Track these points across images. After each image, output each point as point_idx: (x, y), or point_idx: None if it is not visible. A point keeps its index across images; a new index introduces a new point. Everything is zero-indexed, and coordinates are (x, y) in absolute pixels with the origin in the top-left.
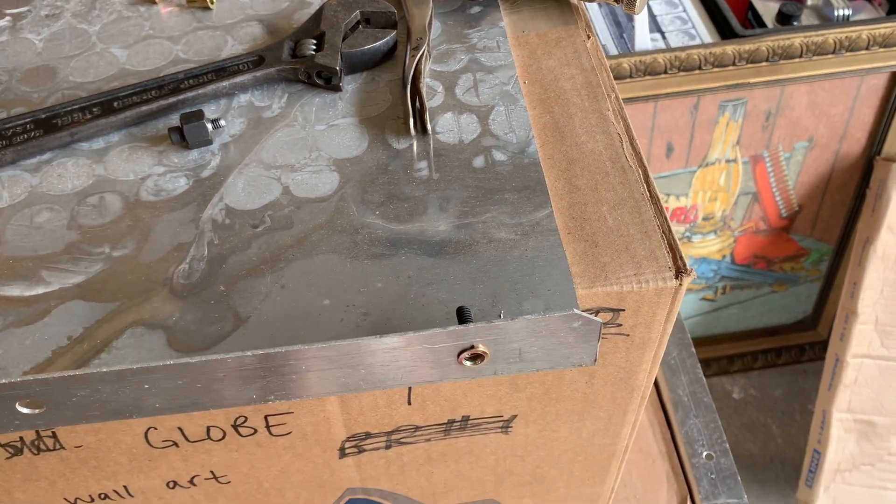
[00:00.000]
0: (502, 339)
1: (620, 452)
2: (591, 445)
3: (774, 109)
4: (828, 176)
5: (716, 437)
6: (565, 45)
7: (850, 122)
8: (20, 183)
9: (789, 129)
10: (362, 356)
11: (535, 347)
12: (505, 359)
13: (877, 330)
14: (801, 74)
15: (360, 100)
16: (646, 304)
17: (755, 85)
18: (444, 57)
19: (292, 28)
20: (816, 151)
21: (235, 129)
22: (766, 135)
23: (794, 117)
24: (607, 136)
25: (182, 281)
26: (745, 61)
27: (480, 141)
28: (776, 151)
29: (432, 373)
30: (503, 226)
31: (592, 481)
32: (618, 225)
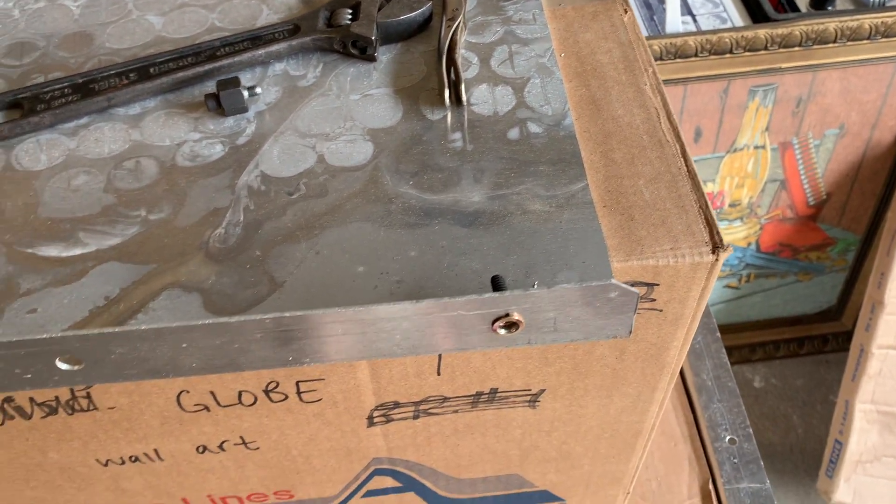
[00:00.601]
0: (538, 307)
1: (647, 431)
2: (618, 423)
3: (806, 95)
4: (858, 164)
5: (739, 422)
6: (602, 19)
7: (883, 110)
8: (58, 146)
9: (820, 116)
10: (398, 321)
11: (570, 317)
12: (539, 328)
13: None
14: (835, 60)
15: (394, 70)
16: (681, 280)
17: (787, 70)
18: (480, 28)
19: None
20: (847, 139)
21: (271, 98)
22: (797, 121)
23: (825, 104)
24: (644, 110)
25: (218, 245)
26: (778, 46)
27: (515, 113)
28: (806, 138)
29: (466, 340)
30: (537, 198)
31: (618, 459)
32: (654, 199)
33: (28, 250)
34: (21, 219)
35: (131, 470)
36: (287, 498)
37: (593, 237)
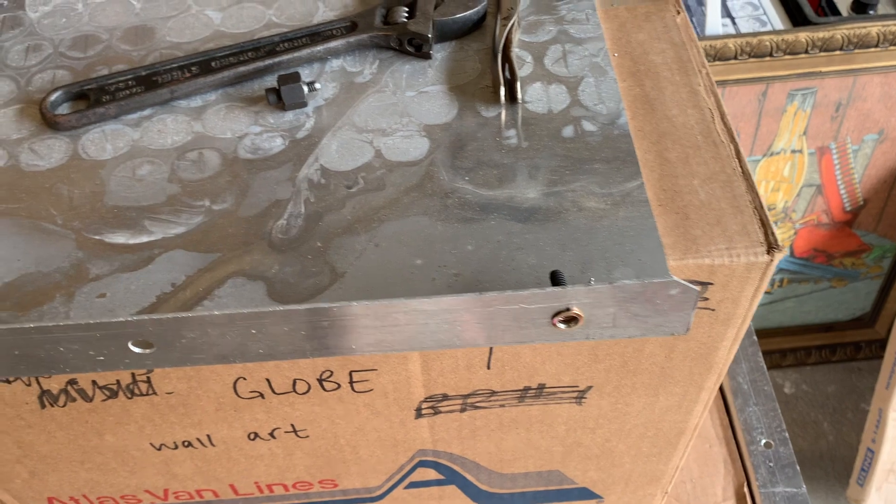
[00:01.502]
0: (599, 302)
1: (690, 430)
2: (663, 421)
3: (845, 100)
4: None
5: (775, 426)
6: (655, 19)
7: None
8: (122, 137)
9: (859, 121)
10: (460, 312)
11: (629, 313)
12: (598, 323)
13: None
14: (876, 65)
15: (449, 68)
16: (735, 279)
17: (827, 74)
18: (533, 28)
19: None
20: (886, 145)
21: (329, 93)
22: (835, 126)
23: (865, 109)
24: (698, 110)
25: (280, 236)
26: (818, 49)
27: (569, 111)
28: (844, 143)
29: (525, 333)
30: (592, 195)
31: (658, 458)
32: (709, 198)
33: (96, 237)
34: (88, 206)
35: (183, 455)
36: (331, 487)
37: (649, 235)
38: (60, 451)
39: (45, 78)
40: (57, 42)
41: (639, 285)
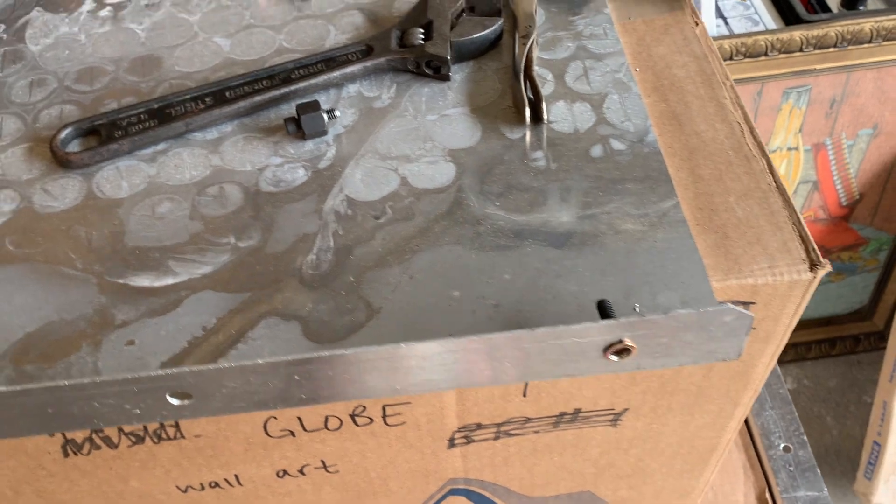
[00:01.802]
0: (652, 333)
1: (723, 446)
2: (697, 438)
3: (839, 96)
4: (891, 164)
5: (793, 429)
6: (674, 31)
7: None
8: (138, 173)
9: (853, 117)
10: (510, 349)
11: (682, 342)
12: (651, 353)
13: None
14: (869, 60)
15: (469, 89)
16: (778, 298)
17: (821, 71)
18: (551, 44)
19: (394, 17)
20: (881, 139)
21: (348, 120)
22: (830, 122)
23: (859, 104)
24: (727, 124)
25: (311, 271)
26: (813, 47)
27: (596, 129)
28: (839, 139)
29: (575, 367)
30: (628, 217)
31: (690, 474)
32: (747, 216)
33: (119, 280)
34: (109, 248)
35: (209, 496)
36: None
37: (690, 257)
38: (82, 498)
39: (53, 114)
40: (62, 76)
41: (693, 314)
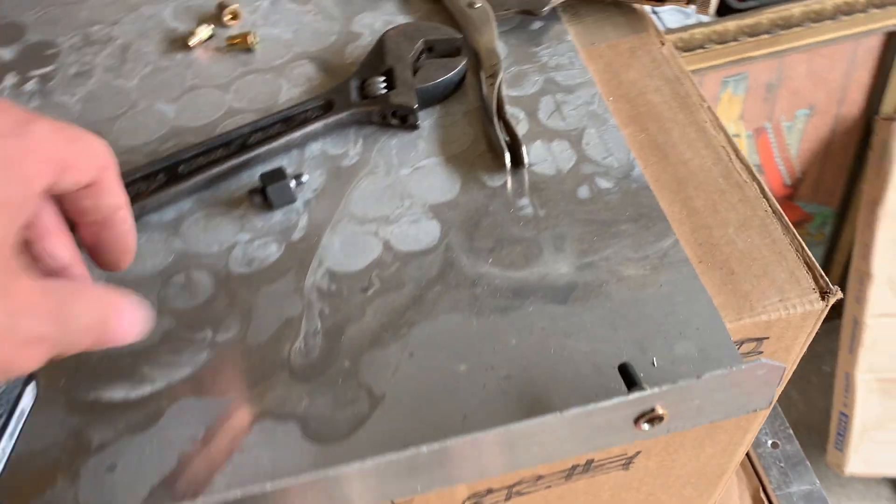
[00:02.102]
0: (685, 398)
1: (732, 469)
2: (707, 467)
3: (775, 80)
4: (828, 141)
5: (778, 424)
6: (641, 54)
7: (848, 86)
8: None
9: (790, 99)
10: (538, 434)
11: (714, 401)
12: (682, 416)
13: (892, 289)
14: (800, 43)
15: (440, 137)
16: (791, 330)
17: (756, 58)
18: (518, 80)
19: (347, 64)
20: (817, 118)
21: (316, 183)
22: (768, 106)
23: (794, 87)
24: (712, 149)
25: (301, 360)
26: (747, 36)
27: (579, 168)
28: (778, 122)
29: (606, 440)
30: (629, 261)
31: (700, 499)
32: (749, 248)
33: (90, 396)
34: (72, 358)
35: None
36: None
37: (699, 299)
38: None
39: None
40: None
41: (727, 374)
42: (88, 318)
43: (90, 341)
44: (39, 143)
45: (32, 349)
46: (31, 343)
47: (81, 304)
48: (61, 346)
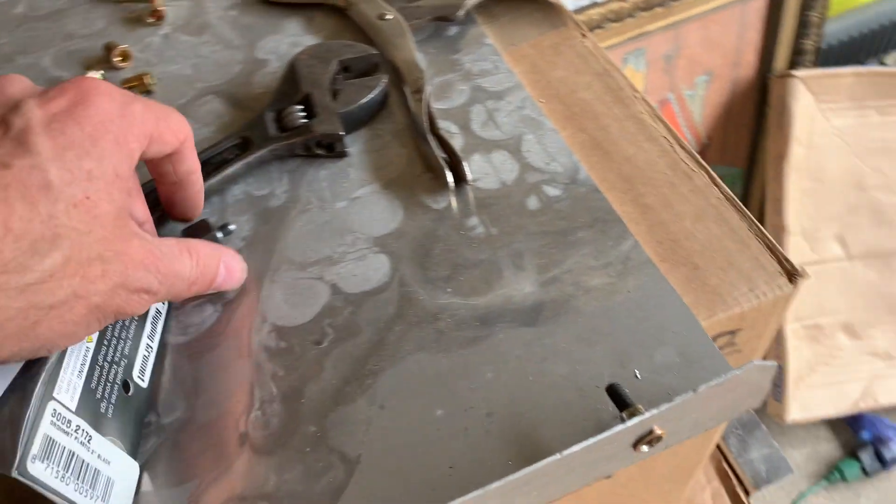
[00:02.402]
0: (682, 414)
1: (706, 456)
2: (684, 460)
3: (673, 51)
4: (729, 104)
5: None
6: (564, 50)
7: (742, 49)
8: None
9: (688, 68)
10: (537, 479)
11: (710, 409)
12: (680, 431)
13: (805, 238)
14: (693, 12)
15: (372, 162)
16: (762, 317)
17: (653, 32)
18: (444, 91)
19: (258, 95)
20: (716, 83)
21: (244, 231)
22: (669, 77)
23: (690, 55)
24: (654, 142)
25: (261, 433)
26: (641, 10)
27: (524, 178)
28: (680, 91)
29: (606, 469)
30: (592, 270)
31: (678, 489)
32: (708, 239)
33: None
34: None
35: None
36: None
37: (671, 300)
38: None
39: None
40: None
41: (722, 383)
42: (190, 273)
43: (195, 290)
44: (137, 121)
45: (143, 297)
46: (140, 292)
47: (181, 262)
48: (166, 295)
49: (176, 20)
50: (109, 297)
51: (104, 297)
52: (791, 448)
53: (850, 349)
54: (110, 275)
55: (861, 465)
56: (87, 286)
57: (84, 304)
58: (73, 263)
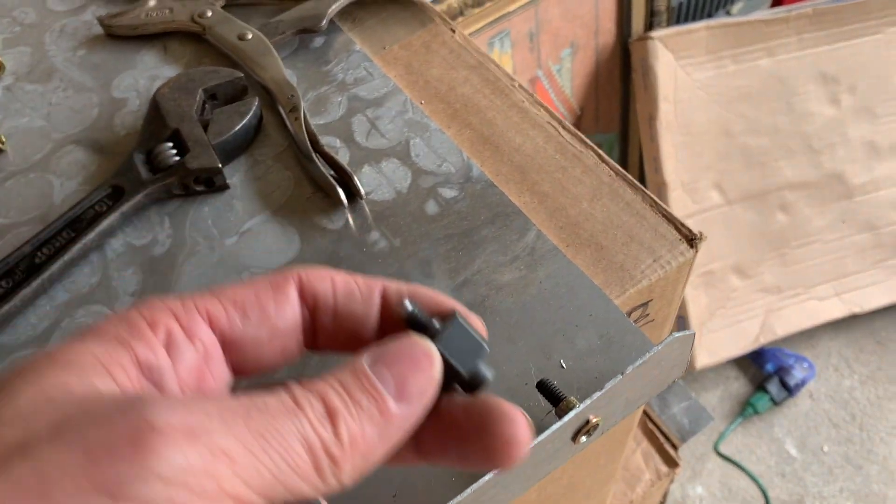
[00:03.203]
0: (614, 397)
1: (635, 425)
2: (616, 431)
3: (535, 29)
4: (595, 73)
5: None
6: (436, 47)
7: (600, 17)
8: None
9: (552, 43)
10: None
11: (638, 388)
12: (613, 414)
13: (685, 191)
14: None
15: (256, 190)
16: (670, 284)
17: (513, 13)
18: (320, 105)
19: (121, 138)
20: (580, 54)
21: (132, 286)
22: (535, 55)
23: (553, 30)
24: (539, 128)
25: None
26: None
27: (418, 184)
28: (548, 67)
29: (550, 466)
30: (501, 266)
31: (613, 463)
32: (607, 216)
33: None
34: None
35: None
36: None
37: (582, 284)
38: None
39: None
40: None
41: (647, 361)
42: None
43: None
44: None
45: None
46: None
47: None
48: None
49: (17, 69)
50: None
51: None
52: (705, 392)
53: (742, 289)
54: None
55: (770, 396)
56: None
57: None
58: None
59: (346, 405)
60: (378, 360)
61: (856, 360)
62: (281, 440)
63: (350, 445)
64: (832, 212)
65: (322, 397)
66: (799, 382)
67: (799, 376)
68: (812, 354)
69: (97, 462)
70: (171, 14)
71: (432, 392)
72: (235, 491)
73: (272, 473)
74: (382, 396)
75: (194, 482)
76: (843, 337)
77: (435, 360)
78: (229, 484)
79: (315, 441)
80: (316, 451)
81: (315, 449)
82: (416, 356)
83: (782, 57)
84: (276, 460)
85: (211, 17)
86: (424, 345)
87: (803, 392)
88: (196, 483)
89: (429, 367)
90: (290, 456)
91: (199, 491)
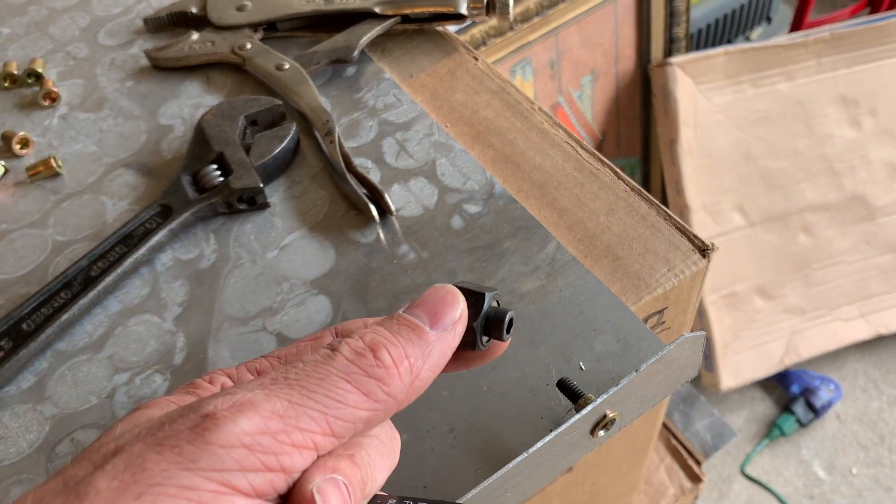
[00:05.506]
0: (629, 394)
1: (655, 434)
2: (637, 440)
3: (556, 57)
4: (616, 98)
5: None
6: (460, 74)
7: (619, 44)
8: None
9: (573, 70)
10: (508, 480)
11: (654, 386)
12: (630, 411)
13: (707, 213)
14: (569, 17)
15: (295, 209)
16: (684, 293)
17: (534, 41)
18: (353, 129)
19: (169, 161)
20: (601, 80)
21: (180, 296)
22: (556, 82)
23: (573, 58)
24: (558, 148)
25: None
26: (520, 23)
27: (444, 200)
28: (568, 93)
29: (570, 459)
30: (523, 276)
31: (636, 470)
32: (623, 229)
33: None
34: None
35: None
36: None
37: (600, 292)
38: None
39: None
40: None
41: (660, 358)
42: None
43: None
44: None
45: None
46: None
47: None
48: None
49: (71, 99)
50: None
51: None
52: (730, 413)
53: (766, 310)
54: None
55: (796, 418)
56: None
57: None
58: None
59: (387, 338)
60: (411, 306)
61: (883, 381)
62: (321, 382)
63: (395, 365)
64: (854, 233)
65: (361, 337)
66: (825, 404)
67: (825, 398)
68: (838, 376)
69: (170, 449)
70: (213, 46)
71: (463, 321)
72: (293, 439)
73: (323, 413)
74: (419, 325)
75: (252, 442)
76: (869, 358)
77: (459, 295)
78: (287, 436)
79: (355, 371)
80: (357, 378)
81: (355, 377)
82: (443, 295)
83: (801, 81)
84: (322, 400)
85: (250, 49)
86: (448, 286)
87: (830, 414)
88: (254, 442)
89: (454, 301)
90: (334, 392)
91: (259, 449)
